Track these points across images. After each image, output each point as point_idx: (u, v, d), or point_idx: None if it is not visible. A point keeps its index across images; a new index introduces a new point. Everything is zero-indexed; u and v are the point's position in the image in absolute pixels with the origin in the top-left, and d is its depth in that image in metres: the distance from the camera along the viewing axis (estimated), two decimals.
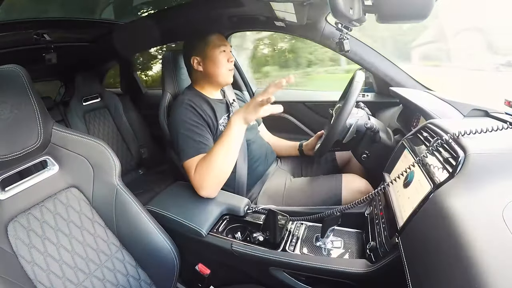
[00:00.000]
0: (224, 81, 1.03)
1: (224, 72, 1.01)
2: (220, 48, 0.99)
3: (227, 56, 1.01)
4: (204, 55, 0.99)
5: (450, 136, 0.58)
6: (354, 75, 0.90)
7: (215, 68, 1.00)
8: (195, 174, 0.85)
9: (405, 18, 0.58)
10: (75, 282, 0.66)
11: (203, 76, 1.03)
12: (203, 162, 0.84)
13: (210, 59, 0.99)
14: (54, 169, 0.73)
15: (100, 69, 2.10)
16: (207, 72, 1.01)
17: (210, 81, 1.03)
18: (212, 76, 1.01)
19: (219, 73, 1.00)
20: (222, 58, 1.00)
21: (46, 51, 1.33)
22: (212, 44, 0.99)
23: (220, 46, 0.99)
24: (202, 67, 1.01)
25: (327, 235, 0.75)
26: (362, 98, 1.45)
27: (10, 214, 0.64)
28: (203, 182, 0.84)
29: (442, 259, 0.40)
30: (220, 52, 0.99)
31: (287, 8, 0.99)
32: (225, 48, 1.01)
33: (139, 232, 0.76)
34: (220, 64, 1.00)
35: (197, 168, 0.85)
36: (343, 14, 0.59)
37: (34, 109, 0.66)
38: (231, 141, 0.81)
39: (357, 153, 0.94)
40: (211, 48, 0.99)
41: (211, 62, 0.99)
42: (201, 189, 0.85)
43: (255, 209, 0.89)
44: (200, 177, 0.84)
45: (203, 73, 1.02)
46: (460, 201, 0.44)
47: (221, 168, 0.83)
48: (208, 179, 0.84)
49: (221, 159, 0.82)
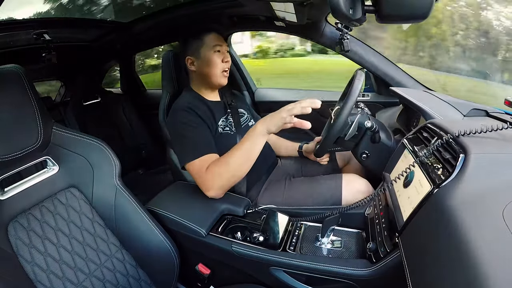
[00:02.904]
0: (217, 82, 1.01)
1: (217, 73, 0.98)
2: (215, 48, 0.97)
3: (222, 56, 0.99)
4: (198, 55, 0.98)
5: (450, 136, 0.58)
6: (354, 75, 0.90)
7: (208, 69, 0.98)
8: (207, 175, 0.84)
9: (405, 18, 0.58)
10: (75, 282, 0.66)
11: (197, 76, 1.02)
12: (219, 164, 0.83)
13: (203, 59, 0.97)
14: (54, 169, 0.73)
15: (100, 69, 2.10)
16: (200, 73, 1.00)
17: (204, 82, 1.02)
18: (205, 76, 1.00)
19: (212, 73, 0.98)
20: (216, 58, 0.97)
21: (46, 51, 1.33)
22: (206, 43, 0.97)
23: (214, 46, 0.97)
24: (195, 67, 0.99)
25: (327, 235, 0.75)
26: (362, 98, 1.45)
27: (10, 214, 0.64)
28: (215, 183, 0.83)
29: (442, 259, 0.40)
30: (214, 52, 0.97)
31: (287, 8, 0.99)
32: (220, 48, 0.99)
33: (139, 232, 0.76)
34: (213, 65, 0.97)
35: (210, 168, 0.84)
36: (343, 14, 0.59)
37: (34, 109, 0.66)
38: (252, 148, 0.81)
39: (357, 153, 0.94)
40: (205, 48, 0.97)
41: (204, 62, 0.98)
42: (211, 189, 0.84)
43: (255, 209, 0.89)
44: (213, 178, 0.83)
45: (196, 73, 1.01)
46: (460, 201, 0.44)
47: (237, 172, 0.83)
48: (221, 181, 0.83)
49: (239, 164, 0.82)
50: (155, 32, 1.51)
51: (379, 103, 1.42)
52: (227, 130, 1.01)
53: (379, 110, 1.40)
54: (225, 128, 1.00)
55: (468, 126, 0.57)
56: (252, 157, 0.82)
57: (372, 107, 1.37)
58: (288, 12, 1.03)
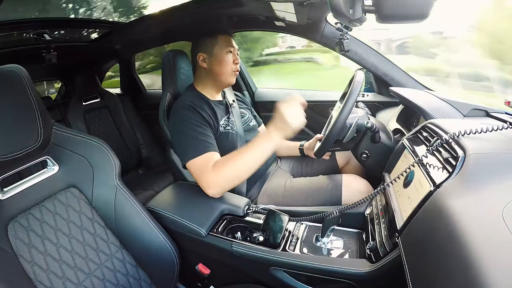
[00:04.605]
0: (227, 81, 1.03)
1: (228, 71, 1.01)
2: (228, 48, 1.00)
3: (233, 58, 1.02)
4: (211, 52, 1.00)
5: (450, 136, 0.58)
6: (354, 75, 0.90)
7: (220, 67, 1.00)
8: (211, 173, 0.83)
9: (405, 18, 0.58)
10: (75, 282, 0.66)
11: (206, 74, 1.03)
12: (227, 164, 0.83)
13: (216, 57, 1.00)
14: (54, 169, 0.73)
15: (100, 69, 2.10)
16: (211, 70, 1.01)
17: (213, 80, 1.03)
18: (215, 74, 1.01)
19: (223, 72, 1.01)
20: (228, 58, 1.01)
21: (46, 51, 1.33)
22: (220, 43, 1.00)
23: (227, 46, 1.00)
24: (207, 64, 1.01)
25: (327, 235, 0.75)
26: (362, 98, 1.45)
27: (10, 214, 0.64)
28: (218, 182, 0.83)
29: (442, 259, 0.40)
30: (227, 52, 1.00)
31: (287, 8, 0.99)
32: (232, 49, 1.02)
33: (139, 232, 0.76)
34: (225, 63, 1.00)
35: (216, 167, 0.84)
36: (343, 14, 0.59)
37: (34, 109, 0.66)
38: (262, 155, 0.82)
39: (357, 153, 0.94)
40: (219, 47, 1.00)
41: (216, 60, 1.00)
42: (213, 188, 0.84)
43: (255, 209, 0.89)
44: (217, 177, 0.83)
45: (207, 71, 1.02)
46: (460, 201, 0.44)
47: (242, 176, 0.84)
48: (225, 181, 0.83)
49: (247, 168, 0.82)
50: (155, 32, 1.51)
51: (379, 103, 1.42)
52: (228, 130, 1.01)
53: (379, 110, 1.40)
54: (226, 128, 1.00)
55: (468, 126, 0.57)
56: (260, 163, 0.83)
57: (372, 107, 1.37)
58: (288, 12, 1.03)
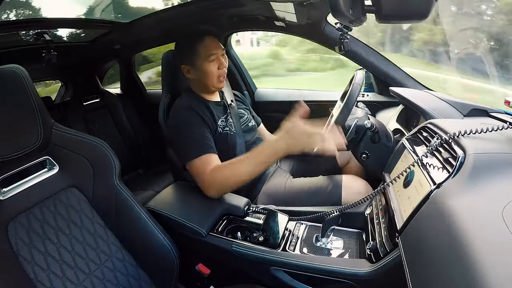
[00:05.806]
0: (215, 87, 1.01)
1: (213, 80, 0.99)
2: (210, 58, 0.95)
3: (218, 63, 0.97)
4: (193, 65, 0.97)
5: (450, 136, 0.58)
6: (354, 75, 0.90)
7: (205, 78, 0.98)
8: (211, 174, 0.84)
9: (405, 18, 0.58)
10: (75, 282, 0.66)
11: (194, 82, 1.03)
12: (229, 168, 0.83)
13: (199, 69, 0.97)
14: (54, 169, 0.73)
15: (100, 69, 2.10)
16: (197, 80, 1.00)
17: (202, 87, 1.03)
18: (202, 84, 1.01)
19: (209, 81, 0.99)
20: (212, 68, 0.96)
21: (46, 51, 1.33)
22: (200, 54, 0.95)
23: (209, 56, 0.95)
24: (191, 75, 0.99)
25: (327, 235, 0.75)
26: (362, 98, 1.45)
27: (11, 214, 0.64)
28: (219, 185, 0.84)
29: (442, 259, 0.40)
30: (210, 62, 0.95)
31: (287, 8, 0.99)
32: (216, 54, 0.96)
33: (139, 232, 0.76)
34: (209, 75, 0.97)
35: (217, 169, 0.84)
36: (343, 14, 0.59)
37: (34, 109, 0.66)
38: (265, 163, 0.81)
39: (357, 153, 0.94)
40: (200, 59, 0.95)
41: (200, 72, 0.97)
42: (212, 189, 0.85)
43: (255, 209, 0.89)
44: (218, 179, 0.83)
45: (194, 80, 1.02)
46: (460, 201, 0.44)
47: (243, 178, 0.83)
48: (226, 184, 0.83)
49: (249, 174, 0.82)
50: (155, 32, 1.51)
51: (379, 103, 1.42)
52: (227, 130, 1.01)
53: (379, 110, 1.40)
54: (224, 128, 1.00)
55: (468, 126, 0.57)
56: (263, 167, 0.83)
57: (372, 107, 1.37)
58: (288, 12, 1.03)
